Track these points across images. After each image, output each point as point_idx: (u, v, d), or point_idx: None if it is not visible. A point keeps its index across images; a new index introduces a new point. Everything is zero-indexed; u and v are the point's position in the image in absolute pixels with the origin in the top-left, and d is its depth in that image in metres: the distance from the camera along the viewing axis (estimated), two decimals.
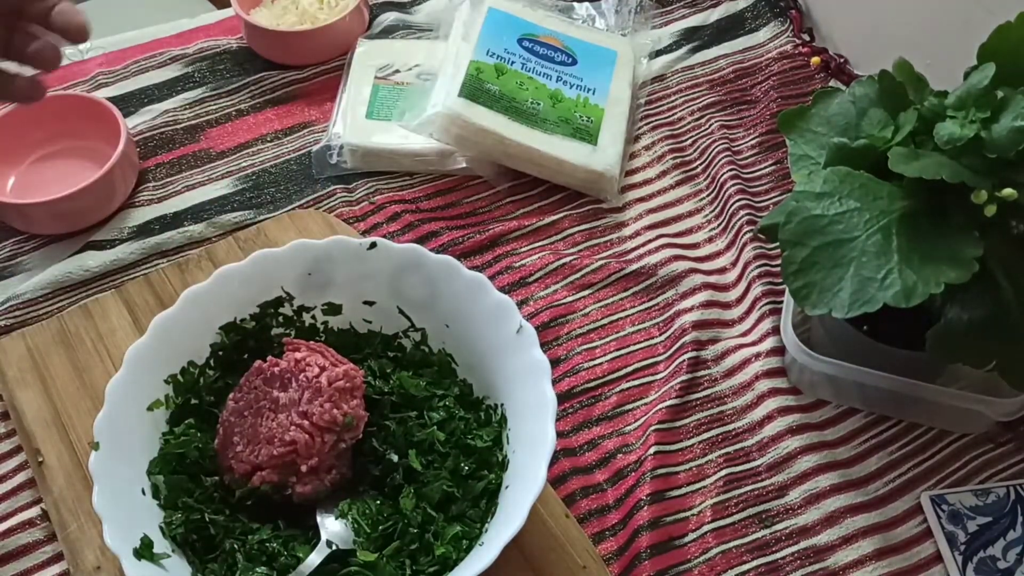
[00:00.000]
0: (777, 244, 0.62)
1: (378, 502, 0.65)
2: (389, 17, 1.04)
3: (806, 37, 1.04)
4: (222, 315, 0.69)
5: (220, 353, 0.70)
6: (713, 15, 1.07)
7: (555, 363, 0.78)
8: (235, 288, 0.69)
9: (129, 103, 0.97)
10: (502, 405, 0.68)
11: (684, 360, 0.78)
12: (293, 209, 0.89)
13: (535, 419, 0.62)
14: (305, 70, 1.00)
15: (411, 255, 0.70)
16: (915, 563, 0.69)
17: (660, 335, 0.81)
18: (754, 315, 0.81)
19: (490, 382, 0.69)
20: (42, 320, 0.80)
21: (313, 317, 0.72)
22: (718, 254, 0.87)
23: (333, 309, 0.72)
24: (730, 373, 0.78)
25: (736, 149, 0.94)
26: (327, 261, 0.70)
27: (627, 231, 0.89)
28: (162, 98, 0.98)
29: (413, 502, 0.64)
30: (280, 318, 0.71)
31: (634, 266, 0.85)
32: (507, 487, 0.64)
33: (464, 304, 0.69)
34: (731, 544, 0.70)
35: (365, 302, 0.72)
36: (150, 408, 0.66)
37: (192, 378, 0.68)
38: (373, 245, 0.70)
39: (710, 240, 0.88)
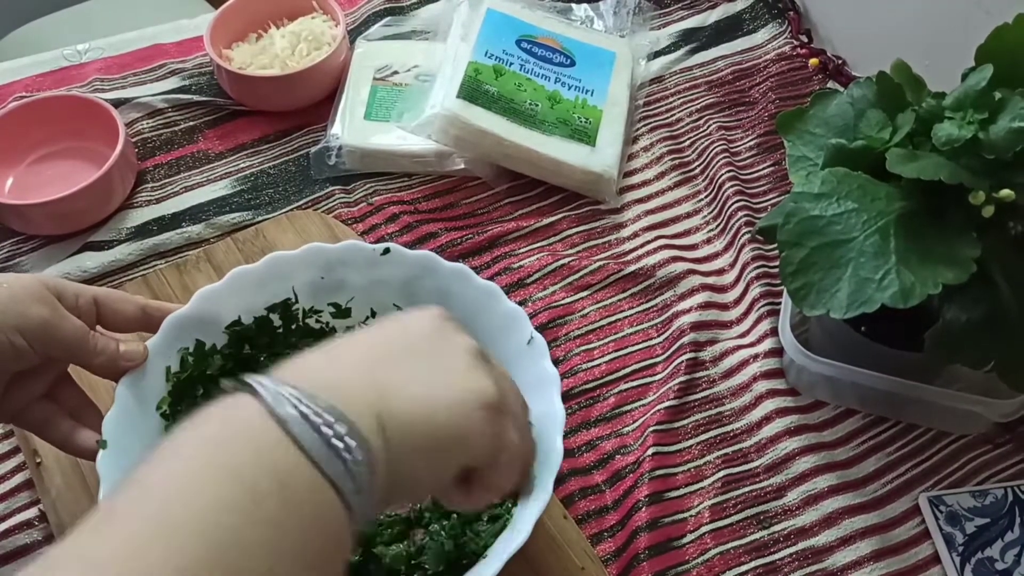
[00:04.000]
0: (775, 245, 0.62)
1: None
2: (388, 18, 1.04)
3: (804, 38, 1.04)
4: (233, 316, 0.69)
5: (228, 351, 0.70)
6: (711, 16, 1.07)
7: (553, 364, 0.77)
8: (248, 289, 0.69)
9: (127, 105, 0.97)
10: None
11: (682, 361, 0.78)
12: (291, 210, 0.89)
13: (543, 431, 0.61)
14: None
15: (424, 261, 0.69)
16: (913, 564, 0.69)
17: (658, 336, 0.81)
18: (752, 316, 0.81)
19: None
20: None
21: (318, 320, 0.72)
22: (716, 255, 0.87)
23: (342, 313, 0.72)
24: (728, 374, 0.78)
25: (734, 150, 0.94)
26: (340, 265, 0.70)
27: (625, 232, 0.89)
28: (159, 102, 0.98)
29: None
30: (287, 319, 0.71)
31: (632, 267, 0.85)
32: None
33: (476, 312, 0.68)
34: (729, 545, 0.70)
35: (375, 308, 0.72)
36: (158, 407, 0.65)
37: (202, 352, 0.67)
38: (387, 251, 0.69)
39: (708, 241, 0.88)
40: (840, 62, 1.00)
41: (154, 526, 0.35)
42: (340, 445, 0.40)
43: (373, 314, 0.72)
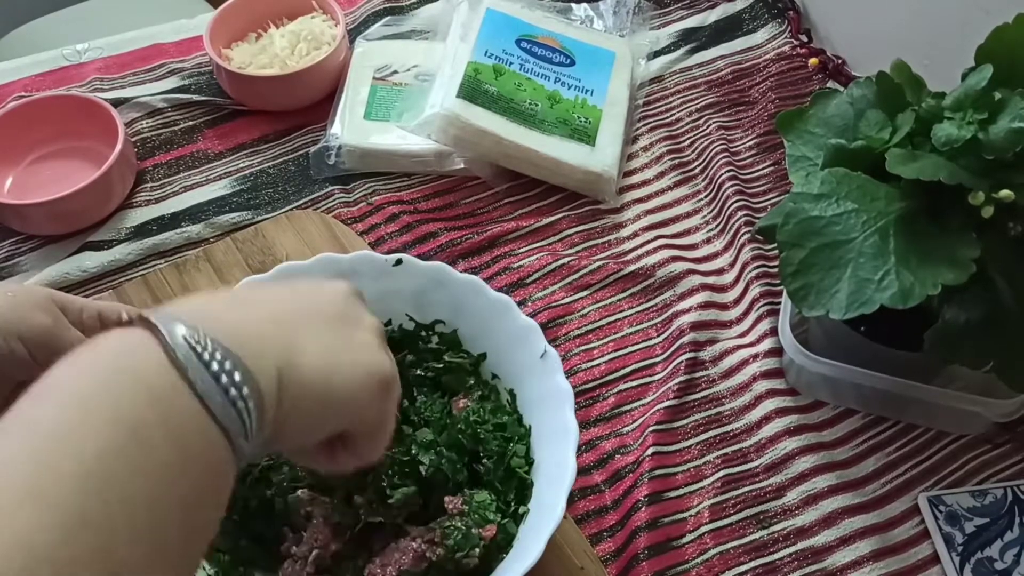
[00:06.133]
0: (775, 245, 0.62)
1: None
2: (387, 18, 1.04)
3: (804, 38, 1.04)
4: None
5: None
6: (711, 16, 1.07)
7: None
8: None
9: (126, 105, 0.96)
10: (529, 427, 0.67)
11: (682, 361, 0.78)
12: (291, 210, 0.89)
13: (556, 447, 0.61)
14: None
15: (436, 273, 0.68)
16: (912, 564, 0.69)
17: (658, 336, 0.81)
18: (752, 316, 0.81)
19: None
20: None
21: None
22: (716, 255, 0.87)
23: None
24: (728, 374, 0.79)
25: (734, 150, 0.94)
26: (352, 276, 0.69)
27: (625, 232, 0.89)
28: (159, 102, 0.98)
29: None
30: None
31: (632, 267, 0.85)
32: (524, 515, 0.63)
33: (488, 325, 0.68)
34: (729, 545, 0.70)
35: (387, 320, 0.71)
36: None
37: None
38: (399, 262, 0.69)
39: (708, 241, 0.88)
40: (840, 62, 1.00)
41: (32, 477, 0.33)
42: (235, 394, 0.39)
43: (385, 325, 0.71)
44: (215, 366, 0.39)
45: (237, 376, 0.39)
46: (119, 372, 0.38)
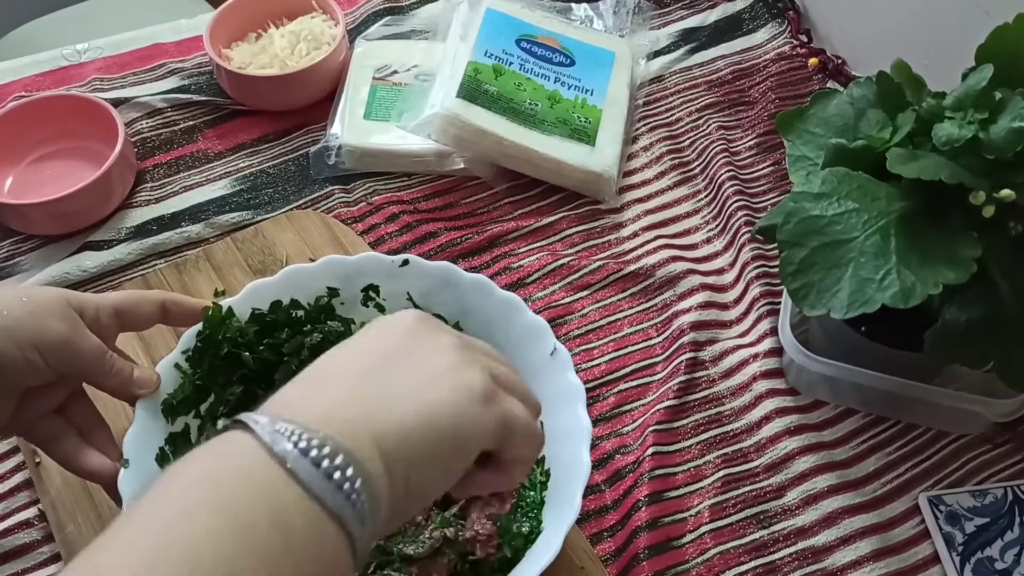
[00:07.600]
0: (775, 245, 0.62)
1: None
2: (387, 18, 1.04)
3: (804, 38, 1.04)
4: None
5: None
6: (711, 16, 1.07)
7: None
8: (265, 302, 0.68)
9: (126, 105, 0.96)
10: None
11: (682, 361, 0.78)
12: (291, 210, 0.89)
13: (569, 445, 0.61)
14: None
15: (444, 273, 0.68)
16: (913, 564, 0.69)
17: (658, 336, 0.81)
18: (752, 316, 0.81)
19: None
20: None
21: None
22: (716, 255, 0.87)
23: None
24: (728, 374, 0.78)
25: (734, 150, 0.94)
26: (358, 277, 0.69)
27: (625, 232, 0.89)
28: (159, 102, 0.98)
29: None
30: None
31: (632, 267, 0.85)
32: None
33: (497, 324, 0.67)
34: (729, 545, 0.70)
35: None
36: (173, 397, 0.65)
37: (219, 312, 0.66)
38: (405, 262, 0.68)
39: (708, 241, 0.88)
40: (840, 62, 1.00)
41: (146, 568, 0.35)
42: (339, 476, 0.40)
43: None
44: (314, 453, 0.40)
45: (340, 459, 0.40)
46: (226, 473, 0.39)
